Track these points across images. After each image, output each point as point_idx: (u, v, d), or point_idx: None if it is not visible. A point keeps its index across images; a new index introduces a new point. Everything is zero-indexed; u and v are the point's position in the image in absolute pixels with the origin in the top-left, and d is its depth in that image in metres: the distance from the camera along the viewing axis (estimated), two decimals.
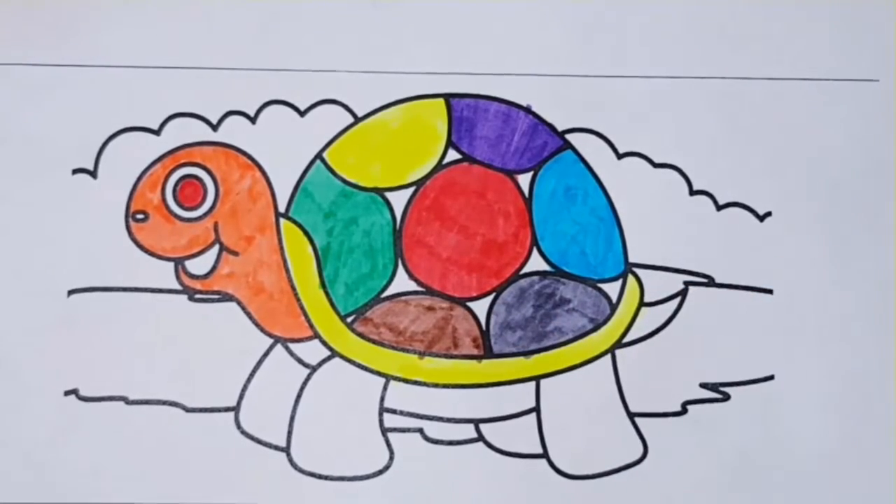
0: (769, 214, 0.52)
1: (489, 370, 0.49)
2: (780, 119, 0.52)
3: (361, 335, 0.49)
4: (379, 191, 0.51)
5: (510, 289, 0.50)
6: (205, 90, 0.51)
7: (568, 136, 0.52)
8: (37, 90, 0.51)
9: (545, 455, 0.49)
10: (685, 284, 0.51)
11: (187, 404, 0.49)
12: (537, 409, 0.49)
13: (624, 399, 0.50)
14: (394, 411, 0.49)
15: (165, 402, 0.49)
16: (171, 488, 0.48)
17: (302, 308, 0.49)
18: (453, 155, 0.51)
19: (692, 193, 0.52)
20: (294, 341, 0.49)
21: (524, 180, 0.51)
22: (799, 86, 0.53)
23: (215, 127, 0.51)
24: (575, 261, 0.51)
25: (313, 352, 0.49)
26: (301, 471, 0.48)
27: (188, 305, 0.49)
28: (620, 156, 0.52)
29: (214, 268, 0.50)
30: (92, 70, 0.51)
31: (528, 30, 0.53)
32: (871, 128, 0.53)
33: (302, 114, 0.51)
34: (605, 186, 0.51)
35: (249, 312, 0.49)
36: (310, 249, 0.50)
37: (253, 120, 0.51)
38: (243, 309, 0.49)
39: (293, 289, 0.50)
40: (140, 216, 0.50)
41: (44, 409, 0.48)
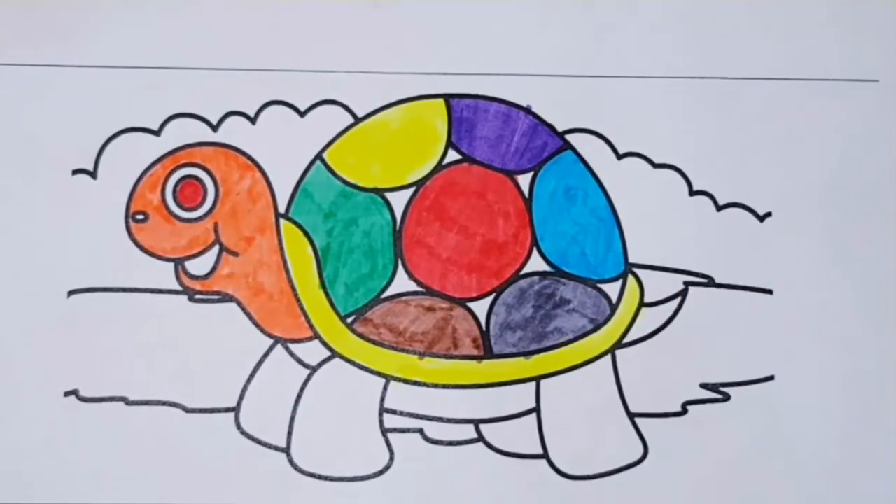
0: (769, 214, 0.52)
1: (489, 370, 0.49)
2: (780, 119, 0.52)
3: (361, 336, 0.49)
4: (379, 191, 0.51)
5: (510, 289, 0.50)
6: (205, 90, 0.51)
7: (568, 137, 0.52)
8: (37, 90, 0.51)
9: (545, 455, 0.49)
10: (685, 284, 0.51)
11: (187, 405, 0.49)
12: (537, 410, 0.49)
13: (624, 399, 0.50)
14: (394, 412, 0.49)
15: (165, 403, 0.49)
16: (171, 488, 0.48)
17: (302, 308, 0.49)
18: (453, 155, 0.51)
19: (692, 193, 0.52)
20: (294, 342, 0.49)
21: (524, 181, 0.51)
22: (799, 86, 0.53)
23: (215, 127, 0.51)
24: (575, 261, 0.51)
25: (313, 352, 0.49)
26: (301, 471, 0.48)
27: (188, 306, 0.49)
28: (620, 156, 0.52)
29: (214, 268, 0.50)
30: (92, 70, 0.51)
31: (528, 30, 0.53)
32: (871, 128, 0.53)
33: (302, 114, 0.51)
34: (605, 186, 0.51)
35: (249, 313, 0.49)
36: (310, 250, 0.50)
37: (253, 120, 0.51)
38: (243, 309, 0.49)
39: (293, 289, 0.50)
40: (140, 217, 0.50)
41: (44, 410, 0.48)
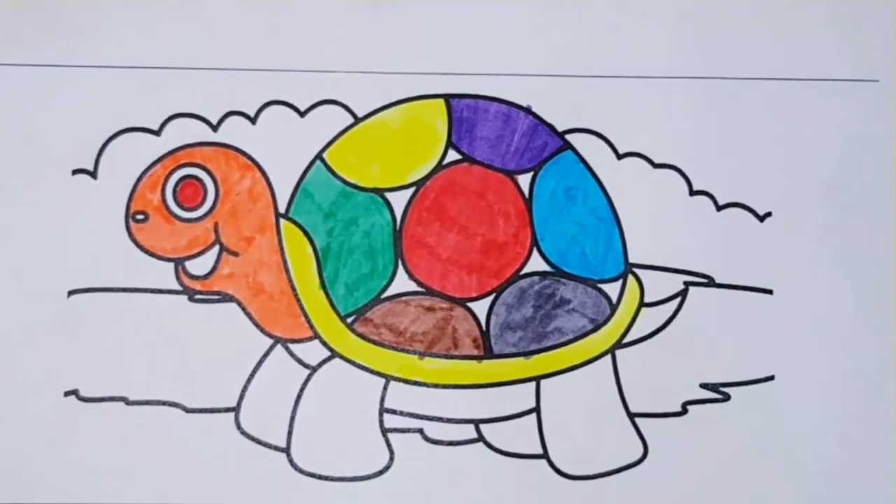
0: (769, 214, 0.52)
1: (489, 370, 0.49)
2: (780, 119, 0.52)
3: (361, 336, 0.49)
4: (379, 191, 0.51)
5: (510, 289, 0.50)
6: (205, 90, 0.51)
7: (568, 137, 0.52)
8: (37, 90, 0.51)
9: (545, 455, 0.49)
10: (685, 284, 0.51)
11: (187, 405, 0.49)
12: (537, 410, 0.49)
13: (624, 399, 0.50)
14: (394, 412, 0.49)
15: (165, 403, 0.49)
16: (171, 488, 0.48)
17: (302, 308, 0.49)
18: (453, 155, 0.51)
19: (692, 193, 0.52)
20: (294, 342, 0.49)
21: (524, 181, 0.51)
22: (799, 86, 0.53)
23: (215, 127, 0.51)
24: (575, 261, 0.51)
25: (313, 352, 0.49)
26: (301, 471, 0.48)
27: (188, 306, 0.49)
28: (620, 156, 0.52)
29: (214, 268, 0.50)
30: (92, 70, 0.51)
31: (528, 30, 0.53)
32: (871, 128, 0.52)
33: (302, 114, 0.51)
34: (605, 186, 0.51)
35: (249, 313, 0.49)
36: (310, 250, 0.50)
37: (253, 120, 0.51)
38: (243, 309, 0.49)
39: (293, 289, 0.50)
40: (140, 217, 0.50)
41: (44, 410, 0.48)
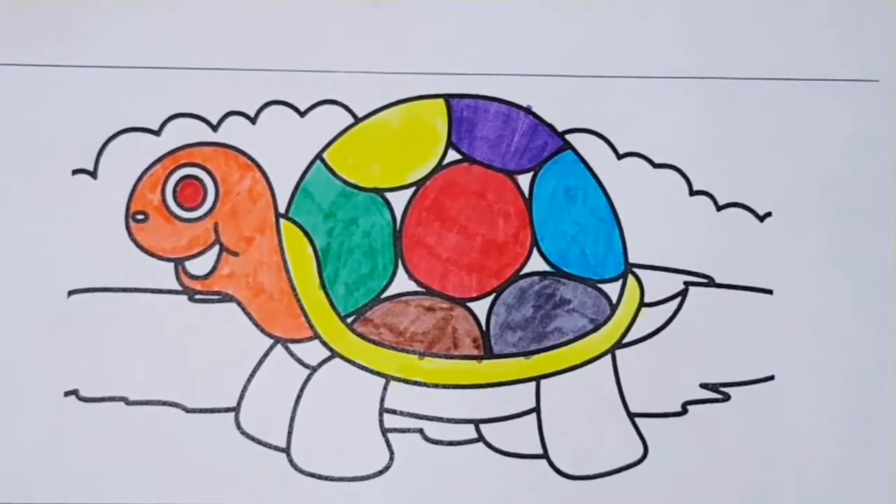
0: (769, 214, 0.52)
1: (489, 370, 0.49)
2: (780, 119, 0.52)
3: (361, 336, 0.49)
4: (379, 191, 0.51)
5: (510, 289, 0.50)
6: (205, 90, 0.51)
7: (568, 137, 0.52)
8: (37, 90, 0.51)
9: (545, 455, 0.49)
10: (685, 284, 0.51)
11: (187, 405, 0.49)
12: (537, 410, 0.49)
13: (624, 399, 0.50)
14: (394, 412, 0.49)
15: (165, 403, 0.49)
16: (171, 488, 0.48)
17: (302, 308, 0.49)
18: (453, 155, 0.51)
19: (692, 193, 0.52)
20: (294, 342, 0.49)
21: (524, 181, 0.51)
22: (799, 86, 0.53)
23: (215, 127, 0.51)
24: (575, 261, 0.51)
25: (313, 352, 0.49)
26: (301, 471, 0.48)
27: (188, 306, 0.49)
28: (620, 156, 0.52)
29: (214, 268, 0.50)
30: (92, 70, 0.51)
31: (528, 30, 0.53)
32: (871, 128, 0.52)
33: (302, 114, 0.51)
34: (605, 187, 0.51)
35: (249, 313, 0.49)
36: (310, 250, 0.50)
37: (253, 120, 0.51)
38: (243, 309, 0.49)
39: (293, 289, 0.50)
40: (140, 217, 0.50)
41: (44, 410, 0.48)
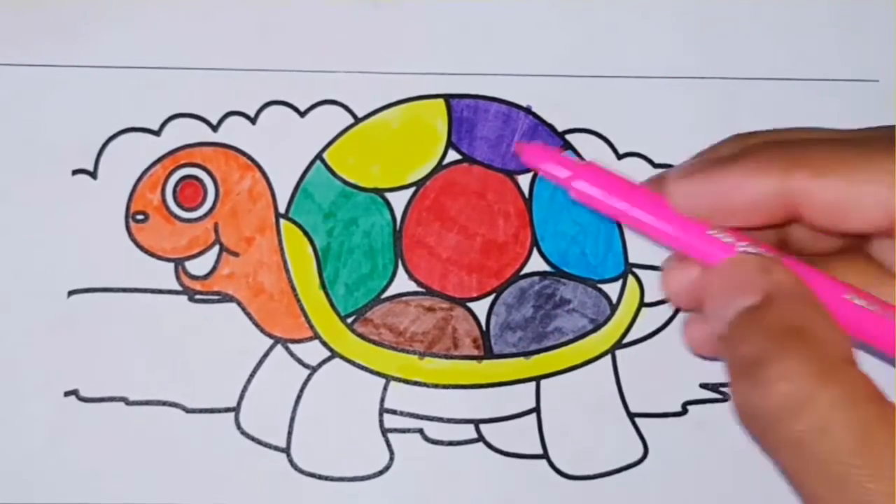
0: None
1: (489, 371, 0.49)
2: (780, 119, 0.52)
3: (361, 336, 0.49)
4: (379, 191, 0.51)
5: (510, 289, 0.50)
6: (205, 90, 0.51)
7: (568, 137, 0.52)
8: (37, 90, 0.51)
9: (545, 455, 0.49)
10: None
11: (187, 405, 0.49)
12: (537, 410, 0.49)
13: (624, 399, 0.50)
14: (394, 412, 0.49)
15: (165, 403, 0.49)
16: (171, 488, 0.48)
17: (302, 309, 0.49)
18: (453, 155, 0.51)
19: None
20: (294, 342, 0.49)
21: (524, 181, 0.51)
22: (799, 86, 0.53)
23: (215, 127, 0.51)
24: (575, 261, 0.51)
25: (313, 352, 0.49)
26: (301, 471, 0.48)
27: (188, 306, 0.49)
28: (620, 156, 0.52)
29: (214, 268, 0.50)
30: (92, 70, 0.51)
31: (528, 30, 0.53)
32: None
33: (302, 114, 0.51)
34: None
35: (249, 313, 0.49)
36: (310, 250, 0.50)
37: (253, 120, 0.51)
38: (243, 310, 0.49)
39: (293, 289, 0.50)
40: (140, 217, 0.50)
41: (44, 410, 0.48)
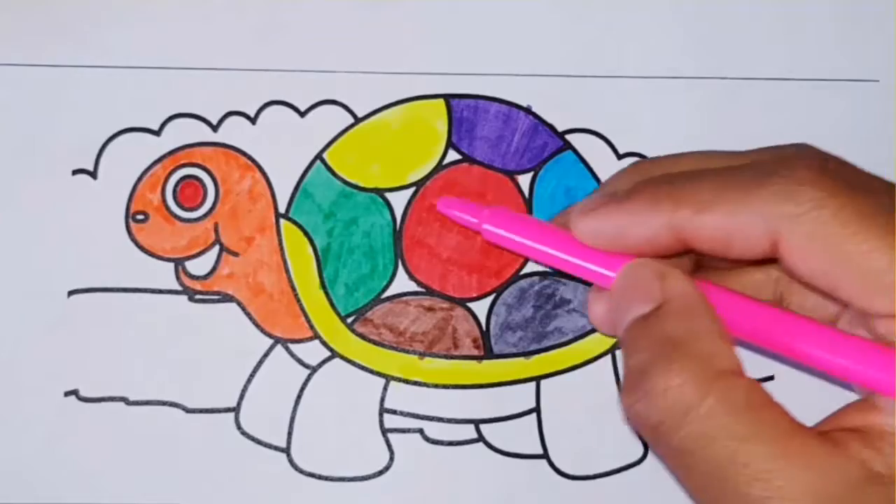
0: None
1: (489, 371, 0.49)
2: (780, 119, 0.52)
3: (361, 336, 0.49)
4: (379, 191, 0.51)
5: (510, 289, 0.50)
6: (205, 90, 0.51)
7: (568, 137, 0.52)
8: (37, 90, 0.51)
9: (545, 455, 0.49)
10: None
11: (187, 405, 0.49)
12: (537, 410, 0.49)
13: None
14: (394, 412, 0.49)
15: (165, 403, 0.49)
16: (172, 488, 0.48)
17: (302, 309, 0.49)
18: (453, 155, 0.51)
19: None
20: (294, 342, 0.49)
21: (524, 181, 0.51)
22: (799, 86, 0.53)
23: (215, 127, 0.51)
24: None
25: (313, 352, 0.49)
26: (301, 471, 0.48)
27: (188, 306, 0.49)
28: (620, 156, 0.52)
29: (214, 268, 0.50)
30: (92, 70, 0.51)
31: (528, 30, 0.53)
32: (871, 128, 0.52)
33: (302, 114, 0.51)
34: None
35: (249, 313, 0.49)
36: (310, 250, 0.50)
37: (253, 120, 0.51)
38: (243, 310, 0.49)
39: (293, 289, 0.50)
40: (140, 217, 0.50)
41: (43, 410, 0.48)
